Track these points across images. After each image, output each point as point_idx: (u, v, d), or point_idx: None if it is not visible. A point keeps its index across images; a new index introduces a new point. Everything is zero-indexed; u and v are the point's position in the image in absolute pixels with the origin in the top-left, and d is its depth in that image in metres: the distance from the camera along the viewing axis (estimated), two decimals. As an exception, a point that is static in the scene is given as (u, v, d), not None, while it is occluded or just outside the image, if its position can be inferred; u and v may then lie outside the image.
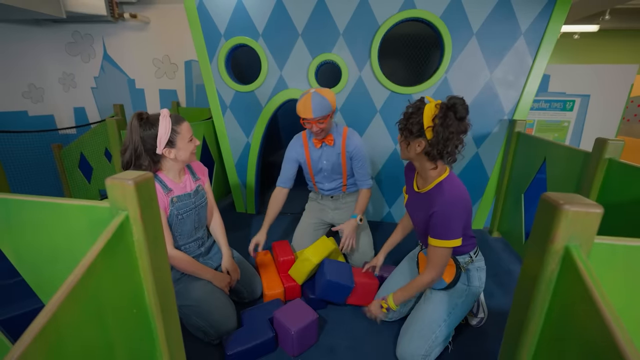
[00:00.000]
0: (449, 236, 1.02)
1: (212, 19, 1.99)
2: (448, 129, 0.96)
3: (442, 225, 1.02)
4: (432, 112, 0.97)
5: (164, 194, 1.18)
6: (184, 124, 1.18)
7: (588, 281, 0.46)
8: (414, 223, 1.24)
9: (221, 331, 1.20)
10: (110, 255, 0.58)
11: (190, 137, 1.19)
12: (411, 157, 1.08)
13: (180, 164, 1.23)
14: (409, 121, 1.01)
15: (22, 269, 0.77)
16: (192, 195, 1.27)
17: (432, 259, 1.07)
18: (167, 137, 1.13)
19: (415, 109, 1.01)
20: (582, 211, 0.48)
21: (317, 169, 1.67)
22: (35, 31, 3.43)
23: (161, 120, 1.12)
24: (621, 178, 1.11)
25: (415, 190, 1.17)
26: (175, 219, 1.22)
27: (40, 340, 0.44)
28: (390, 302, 1.17)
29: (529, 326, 0.55)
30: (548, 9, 1.72)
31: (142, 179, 0.62)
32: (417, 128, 0.99)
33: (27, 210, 0.70)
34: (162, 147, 1.13)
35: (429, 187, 1.09)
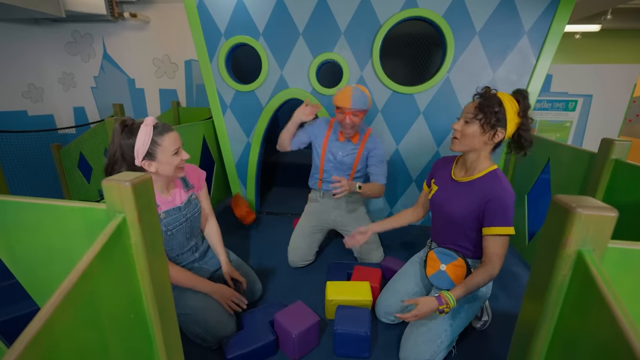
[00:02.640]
0: (509, 222, 1.01)
1: (213, 18, 1.97)
2: (529, 119, 1.02)
3: (502, 210, 1.00)
4: (514, 105, 1.01)
5: None
6: (168, 135, 1.05)
7: (602, 287, 0.44)
8: (439, 217, 1.20)
9: (219, 337, 1.16)
10: (107, 259, 0.56)
11: (175, 150, 1.06)
12: (477, 147, 1.05)
13: (165, 178, 1.12)
14: (492, 110, 1.00)
15: (17, 271, 0.75)
16: (182, 208, 1.18)
17: (494, 250, 1.03)
18: (146, 149, 1.01)
19: (494, 99, 1.01)
20: (596, 215, 0.46)
21: (330, 159, 1.68)
22: (35, 30, 3.41)
23: (141, 130, 1.01)
24: (628, 179, 1.09)
25: (454, 179, 1.15)
26: (164, 236, 1.14)
27: (34, 346, 0.42)
28: (452, 302, 1.03)
29: (540, 332, 0.54)
30: (552, 8, 1.70)
31: (140, 180, 0.60)
32: (502, 118, 1.00)
33: (23, 212, 0.68)
34: (139, 159, 1.02)
35: (477, 175, 1.08)
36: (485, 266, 1.05)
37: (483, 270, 1.05)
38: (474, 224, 1.09)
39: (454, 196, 1.13)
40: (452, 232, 1.15)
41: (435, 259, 1.20)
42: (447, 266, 1.16)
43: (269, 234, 2.12)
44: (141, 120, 1.04)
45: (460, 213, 1.10)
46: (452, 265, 1.15)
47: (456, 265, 1.14)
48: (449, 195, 1.15)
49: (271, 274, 1.67)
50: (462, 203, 1.09)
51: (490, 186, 1.03)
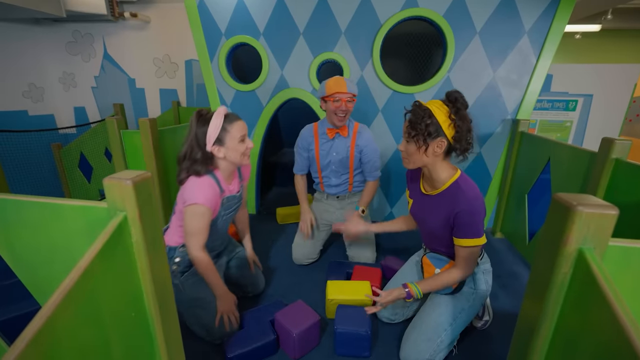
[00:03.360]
0: (478, 234, 1.01)
1: (213, 18, 1.97)
2: (466, 120, 0.98)
3: (470, 223, 1.00)
4: (444, 110, 0.98)
5: (219, 194, 1.17)
6: (237, 123, 1.15)
7: (603, 285, 0.44)
8: (422, 228, 1.21)
9: (224, 332, 1.17)
10: (108, 257, 0.56)
11: (241, 138, 1.16)
12: (425, 162, 1.04)
13: (232, 165, 1.21)
14: (422, 125, 0.98)
15: (18, 270, 0.75)
16: (237, 197, 1.28)
17: (464, 258, 1.05)
18: (216, 134, 1.11)
19: (423, 112, 0.99)
20: (597, 212, 0.46)
21: (326, 162, 1.67)
22: (36, 30, 3.42)
23: (213, 118, 1.11)
24: (628, 178, 1.09)
25: (424, 192, 1.15)
26: (221, 220, 1.23)
27: (36, 344, 0.42)
28: (417, 292, 1.10)
29: (540, 330, 0.54)
30: (552, 8, 1.70)
31: (141, 178, 0.60)
32: (434, 129, 0.98)
33: (24, 210, 0.69)
34: (210, 144, 1.12)
35: (444, 187, 1.06)
36: (456, 268, 1.08)
37: (453, 271, 1.08)
38: (448, 233, 1.09)
39: (428, 210, 1.13)
40: (436, 241, 1.16)
41: (429, 264, 1.21)
42: (442, 270, 1.16)
43: (268, 233, 2.13)
44: (213, 111, 1.14)
45: (437, 226, 1.10)
46: (446, 269, 1.15)
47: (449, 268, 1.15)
48: (424, 209, 1.15)
49: (271, 273, 1.67)
50: (436, 217, 1.09)
51: (456, 199, 1.02)
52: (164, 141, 1.77)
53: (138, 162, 1.75)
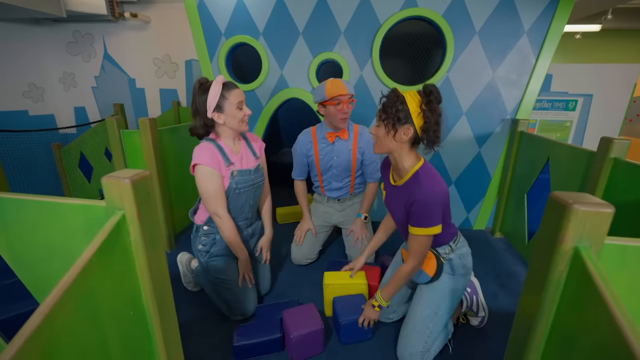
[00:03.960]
0: (428, 223, 1.03)
1: (213, 18, 1.97)
2: (436, 112, 1.00)
3: (421, 213, 1.02)
4: (416, 99, 1.00)
5: (225, 165, 1.23)
6: (234, 91, 1.21)
7: (599, 283, 0.44)
8: (394, 219, 1.22)
9: (245, 310, 1.30)
10: (106, 256, 0.56)
11: (238, 105, 1.21)
12: (392, 148, 1.06)
13: (233, 132, 1.27)
14: (393, 109, 1.00)
15: (17, 269, 0.75)
16: (252, 172, 1.32)
17: (413, 247, 1.08)
18: (216, 101, 1.17)
19: (396, 98, 1.01)
20: (593, 211, 0.46)
21: (327, 166, 1.66)
22: (36, 30, 3.42)
23: (212, 86, 1.17)
24: (627, 178, 1.09)
25: (392, 184, 1.17)
26: (232, 193, 1.27)
27: (34, 341, 0.43)
28: (380, 300, 1.17)
29: (537, 328, 0.54)
30: (551, 8, 1.70)
31: (139, 177, 0.60)
32: (403, 115, 1.00)
33: (23, 209, 0.69)
34: (211, 111, 1.18)
35: (406, 178, 1.08)
36: (408, 261, 1.11)
37: (405, 265, 1.12)
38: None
39: (394, 201, 1.15)
40: (405, 230, 1.15)
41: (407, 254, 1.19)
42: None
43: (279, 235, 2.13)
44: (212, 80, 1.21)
45: (400, 216, 1.12)
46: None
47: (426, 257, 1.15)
48: (392, 200, 1.17)
49: (272, 271, 1.67)
50: (399, 207, 1.11)
51: (413, 189, 1.04)
52: (163, 141, 1.78)
53: (138, 162, 1.75)
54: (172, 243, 1.93)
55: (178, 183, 1.97)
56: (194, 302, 1.47)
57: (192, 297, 1.50)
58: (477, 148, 2.02)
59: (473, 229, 2.20)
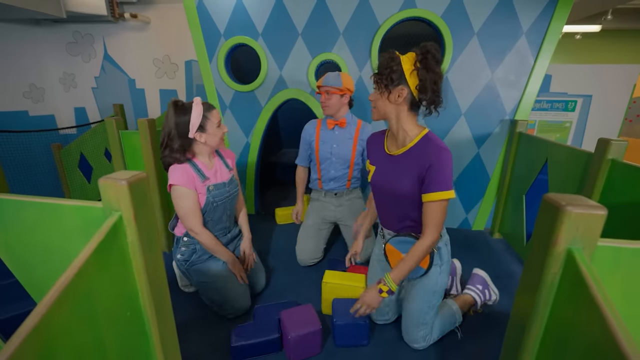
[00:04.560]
0: (446, 186, 0.96)
1: (212, 19, 1.98)
2: (433, 70, 0.94)
3: (440, 175, 0.95)
4: (411, 57, 0.96)
5: (200, 181, 1.27)
6: (214, 111, 1.27)
7: (592, 285, 0.45)
8: (385, 199, 1.13)
9: (235, 307, 1.33)
10: (103, 257, 0.56)
11: (218, 123, 1.27)
12: (388, 111, 1.02)
13: (210, 149, 1.32)
14: (387, 70, 0.96)
15: (15, 269, 0.76)
16: (227, 184, 1.37)
17: (433, 217, 0.99)
18: (199, 122, 1.21)
19: (390, 59, 0.97)
20: (586, 213, 0.47)
21: (326, 153, 1.71)
22: (36, 31, 3.42)
23: (194, 107, 1.21)
24: (624, 179, 1.10)
25: (389, 153, 1.09)
26: (210, 206, 1.31)
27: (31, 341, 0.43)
28: (391, 283, 1.04)
29: (531, 329, 0.54)
30: (550, 9, 1.70)
31: (136, 179, 0.61)
32: (397, 75, 0.96)
33: (22, 210, 0.69)
34: (194, 131, 1.22)
35: (411, 144, 1.02)
36: (424, 236, 1.02)
37: (421, 241, 1.02)
38: (418, 193, 1.03)
39: (393, 172, 1.07)
40: (401, 208, 1.09)
41: (394, 251, 1.14)
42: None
43: (267, 233, 2.13)
44: (190, 102, 1.24)
45: (404, 188, 1.03)
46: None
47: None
48: (389, 171, 1.08)
49: (270, 272, 1.68)
50: (404, 177, 1.03)
51: (427, 150, 0.97)
52: (162, 141, 1.78)
53: (137, 162, 1.76)
54: (171, 244, 1.93)
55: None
56: (191, 302, 1.47)
57: (190, 298, 1.50)
58: (476, 149, 2.02)
59: (472, 229, 2.20)
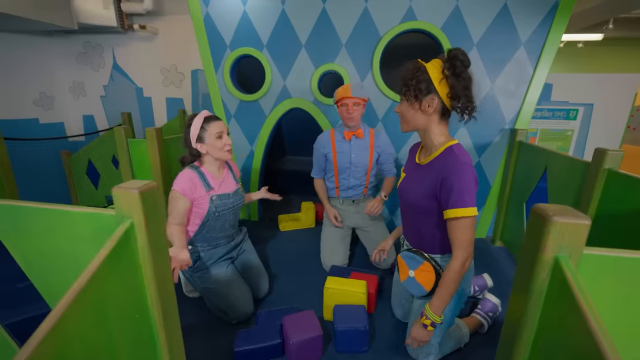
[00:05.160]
0: (467, 202, 0.88)
1: (218, 30, 2.04)
2: (461, 76, 0.90)
3: (458, 189, 0.88)
4: (438, 66, 0.92)
5: (204, 190, 1.33)
6: (214, 123, 1.32)
7: (576, 292, 0.47)
8: (405, 208, 1.12)
9: (238, 312, 1.35)
10: (115, 262, 0.60)
11: (217, 135, 1.31)
12: (419, 123, 0.98)
13: (216, 161, 1.38)
14: (413, 80, 0.93)
15: (30, 274, 0.79)
16: (231, 195, 1.42)
17: (455, 236, 0.93)
18: (197, 133, 1.29)
19: (415, 69, 0.93)
20: (571, 222, 0.49)
21: (345, 164, 1.74)
22: (48, 42, 3.53)
23: (195, 119, 1.30)
24: (621, 188, 1.11)
25: (417, 162, 1.07)
26: (212, 215, 1.36)
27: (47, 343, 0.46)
28: (433, 316, 0.98)
29: (522, 336, 0.56)
30: (548, 20, 1.74)
31: (147, 188, 0.64)
32: (425, 85, 0.92)
33: (35, 217, 0.73)
34: (194, 141, 1.31)
35: (434, 155, 0.98)
36: (455, 256, 0.95)
37: (452, 263, 0.95)
38: (431, 206, 0.99)
39: (412, 180, 1.05)
40: (414, 221, 1.07)
41: (403, 264, 1.14)
42: (415, 272, 1.09)
43: (270, 240, 2.16)
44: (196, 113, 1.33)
45: (417, 197, 1.01)
46: (420, 271, 1.07)
47: (423, 270, 1.06)
48: (410, 180, 1.07)
49: (272, 278, 1.70)
50: (420, 186, 1.00)
51: (445, 163, 0.93)
52: (169, 149, 1.83)
53: (144, 170, 1.80)
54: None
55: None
56: (195, 308, 1.50)
57: (194, 304, 1.53)
58: (476, 157, 2.04)
59: (474, 237, 2.20)
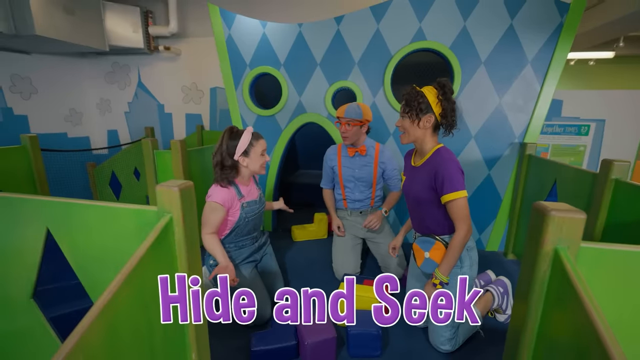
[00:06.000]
0: (458, 186, 1.16)
1: (239, 51, 2.19)
2: (450, 100, 1.20)
3: (449, 178, 1.16)
4: (433, 92, 1.21)
5: (237, 199, 1.43)
6: (261, 141, 1.45)
7: (575, 281, 0.52)
8: (411, 203, 1.35)
9: (257, 315, 1.32)
10: (156, 252, 0.67)
11: (262, 152, 1.44)
12: (417, 135, 1.25)
13: (250, 173, 1.48)
14: (415, 102, 1.21)
15: (76, 267, 0.87)
16: (257, 202, 1.53)
17: (455, 214, 1.19)
18: (245, 147, 1.40)
19: (416, 94, 1.22)
20: (567, 217, 0.55)
21: (349, 177, 1.82)
22: (80, 62, 3.81)
23: (244, 134, 1.41)
24: (629, 198, 1.14)
25: (413, 165, 1.34)
26: (243, 222, 1.46)
27: (103, 314, 0.53)
28: (441, 276, 1.22)
29: (528, 323, 0.60)
30: (553, 39, 1.81)
31: (185, 186, 0.73)
32: (425, 106, 1.20)
33: (86, 213, 0.82)
34: (239, 154, 1.40)
35: (426, 157, 1.26)
36: (458, 229, 1.20)
37: (455, 235, 1.20)
38: (430, 196, 1.24)
39: (414, 179, 1.31)
40: (421, 212, 1.31)
41: (419, 250, 1.32)
42: (430, 252, 1.28)
43: (284, 249, 2.21)
44: (243, 130, 1.44)
45: (418, 192, 1.27)
46: (433, 250, 1.27)
47: (435, 249, 1.27)
48: (411, 180, 1.33)
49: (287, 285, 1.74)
50: (419, 183, 1.27)
51: (435, 161, 1.21)
52: (191, 160, 1.94)
53: (168, 179, 1.91)
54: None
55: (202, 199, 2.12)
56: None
57: (212, 307, 1.58)
58: (487, 170, 2.08)
59: (486, 250, 2.21)
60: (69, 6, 2.78)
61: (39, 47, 3.10)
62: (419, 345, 1.34)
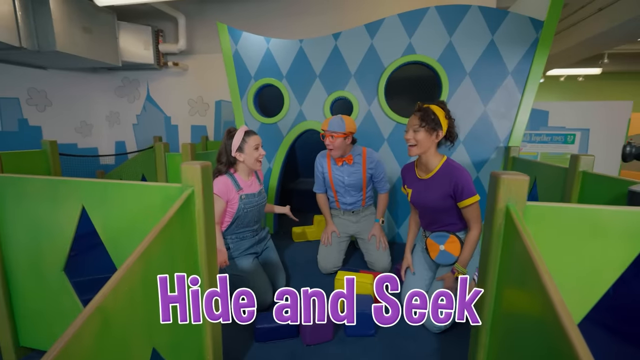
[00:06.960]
0: (473, 192, 1.32)
1: (245, 64, 2.38)
2: (452, 118, 1.39)
3: (466, 185, 1.31)
4: (441, 111, 1.37)
5: (235, 190, 1.55)
6: (253, 137, 1.58)
7: (520, 230, 0.65)
8: (423, 210, 1.47)
9: (259, 299, 1.46)
10: (180, 217, 0.81)
11: (255, 146, 1.57)
12: (427, 147, 1.37)
13: (248, 168, 1.61)
14: (432, 117, 1.35)
15: (105, 239, 0.99)
16: (256, 195, 1.65)
17: (471, 215, 1.34)
18: (239, 143, 1.55)
19: (429, 111, 1.36)
20: (514, 179, 0.68)
21: (339, 183, 1.93)
22: (92, 77, 4.03)
23: (237, 132, 1.57)
24: (595, 186, 1.28)
25: (419, 177, 1.46)
26: (242, 212, 1.58)
27: (139, 263, 0.66)
28: (462, 269, 1.36)
29: (489, 270, 0.73)
30: (530, 52, 2.00)
31: (204, 165, 0.87)
32: (438, 121, 1.35)
33: (119, 191, 0.95)
34: (234, 150, 1.55)
35: (436, 169, 1.39)
36: (470, 230, 1.36)
37: (470, 233, 1.36)
38: (448, 203, 1.37)
39: (425, 191, 1.43)
40: (435, 216, 1.44)
41: (433, 244, 1.46)
42: (445, 245, 1.43)
43: (284, 249, 2.32)
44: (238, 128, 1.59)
45: (434, 201, 1.40)
46: (448, 243, 1.42)
47: (450, 242, 1.42)
48: (422, 191, 1.45)
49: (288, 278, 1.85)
50: (433, 193, 1.40)
51: (451, 173, 1.35)
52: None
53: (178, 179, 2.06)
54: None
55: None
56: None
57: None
58: (475, 173, 2.22)
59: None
60: (87, 25, 3.02)
61: (56, 62, 3.32)
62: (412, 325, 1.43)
